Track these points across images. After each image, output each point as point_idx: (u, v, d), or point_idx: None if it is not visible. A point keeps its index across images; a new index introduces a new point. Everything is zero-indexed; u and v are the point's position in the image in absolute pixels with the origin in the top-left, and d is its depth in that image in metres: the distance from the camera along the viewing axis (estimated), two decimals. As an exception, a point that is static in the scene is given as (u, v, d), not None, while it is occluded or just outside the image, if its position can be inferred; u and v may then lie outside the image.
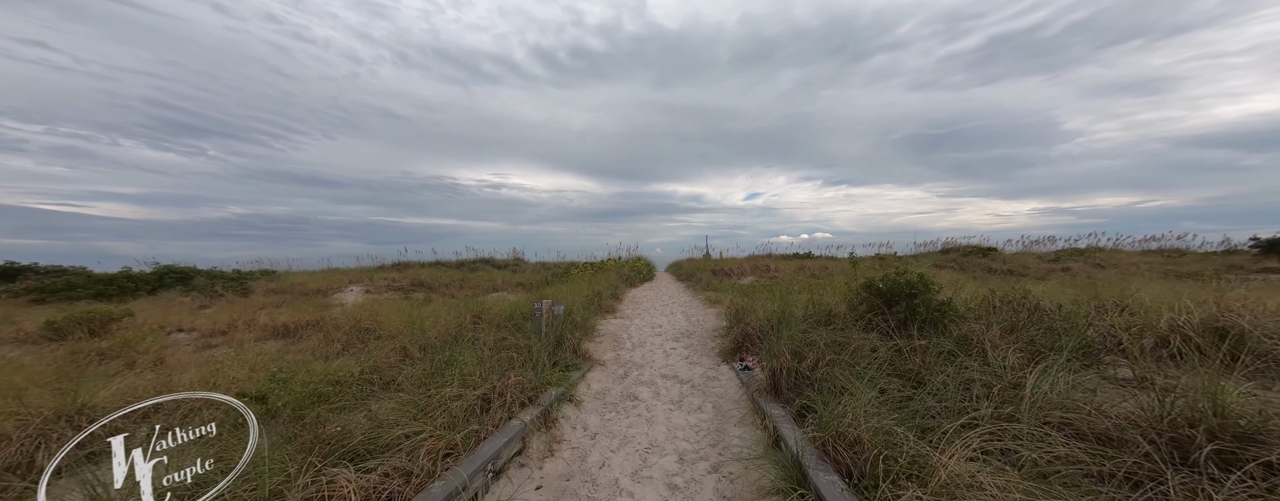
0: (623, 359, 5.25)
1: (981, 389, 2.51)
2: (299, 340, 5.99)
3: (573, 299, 8.08)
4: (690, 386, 4.20)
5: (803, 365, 3.07)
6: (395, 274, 14.61)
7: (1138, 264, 18.11)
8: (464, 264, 18.94)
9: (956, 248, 21.36)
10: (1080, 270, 16.64)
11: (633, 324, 7.49)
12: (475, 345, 4.64)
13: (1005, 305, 3.74)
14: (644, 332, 6.76)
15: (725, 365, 4.79)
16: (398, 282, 12.96)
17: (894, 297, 3.38)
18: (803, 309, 4.37)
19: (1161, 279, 15.38)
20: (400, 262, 18.11)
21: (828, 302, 3.99)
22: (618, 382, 4.41)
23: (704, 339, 6.21)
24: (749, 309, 6.00)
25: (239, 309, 10.17)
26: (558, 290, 10.24)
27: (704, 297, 10.31)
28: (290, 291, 12.03)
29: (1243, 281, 15.32)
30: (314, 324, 6.43)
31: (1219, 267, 15.82)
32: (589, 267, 15.75)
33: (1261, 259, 15.33)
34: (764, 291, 10.32)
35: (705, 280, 12.85)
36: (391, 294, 12.01)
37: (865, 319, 3.53)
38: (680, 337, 6.34)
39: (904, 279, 3.34)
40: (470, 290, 13.23)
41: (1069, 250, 20.77)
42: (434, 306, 9.25)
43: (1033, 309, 3.46)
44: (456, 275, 14.87)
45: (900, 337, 3.22)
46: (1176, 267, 16.74)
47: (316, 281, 13.23)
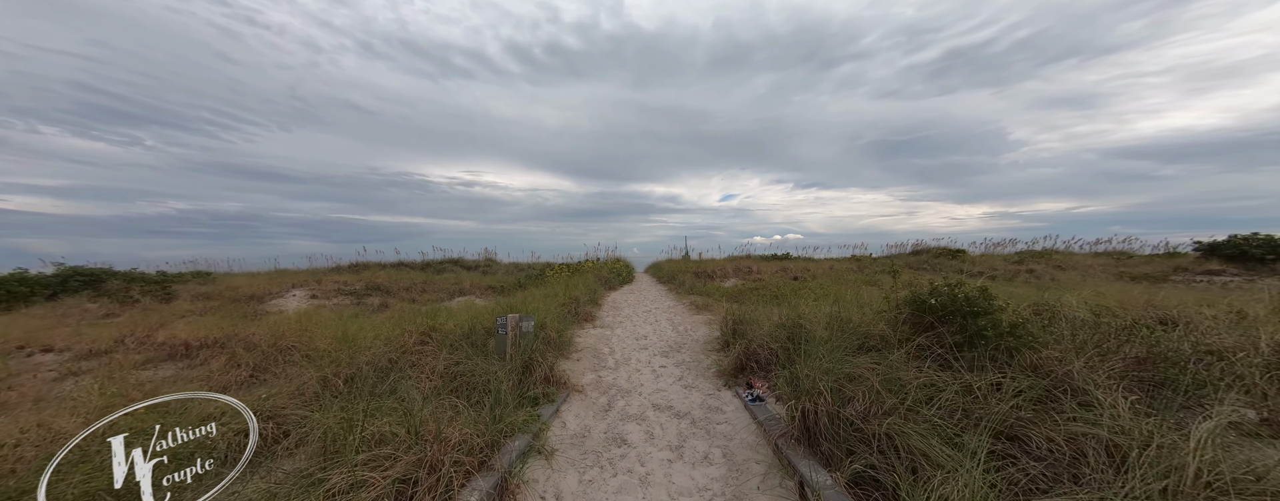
0: (605, 382, 4.37)
1: (1101, 451, 1.79)
2: (198, 363, 4.78)
3: (547, 306, 7.12)
4: (690, 422, 3.37)
5: (849, 409, 2.30)
6: (350, 276, 13.12)
7: (1092, 265, 18.62)
8: (430, 265, 17.48)
9: (927, 249, 21.58)
10: (1043, 272, 16.88)
11: (614, 334, 6.61)
12: (420, 373, 3.65)
13: (1057, 320, 3.10)
14: (628, 346, 5.89)
15: (727, 390, 3.99)
16: (350, 286, 11.54)
17: (948, 316, 2.67)
18: (825, 325, 3.60)
19: (1117, 280, 15.85)
20: (358, 263, 16.49)
21: (857, 320, 3.24)
22: (600, 418, 3.52)
23: (696, 353, 5.41)
24: (749, 320, 5.23)
25: (155, 318, 8.63)
26: (531, 295, 9.24)
27: (689, 302, 9.54)
28: (222, 296, 10.44)
29: (1191, 283, 15.85)
30: (225, 341, 5.20)
31: (1165, 269, 16.44)
32: (565, 269, 14.73)
33: (1204, 261, 15.99)
34: (752, 295, 9.68)
35: (687, 283, 12.11)
36: (342, 299, 10.63)
37: (910, 342, 2.80)
38: (669, 352, 5.51)
39: (961, 293, 2.64)
40: (434, 294, 11.97)
41: (1028, 252, 21.31)
42: (385, 316, 8.06)
43: (1093, 326, 2.83)
44: (420, 277, 13.52)
45: (961, 366, 2.49)
46: (1128, 269, 17.28)
47: (257, 284, 11.62)
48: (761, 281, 12.14)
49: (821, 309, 4.80)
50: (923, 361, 2.60)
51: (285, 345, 4.87)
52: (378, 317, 6.72)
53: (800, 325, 4.02)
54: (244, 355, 4.42)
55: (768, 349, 4.07)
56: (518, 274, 16.83)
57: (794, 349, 3.80)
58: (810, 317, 4.15)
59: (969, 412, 2.17)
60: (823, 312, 4.52)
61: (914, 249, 22.84)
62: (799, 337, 3.92)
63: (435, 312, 5.83)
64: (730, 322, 5.36)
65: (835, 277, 12.82)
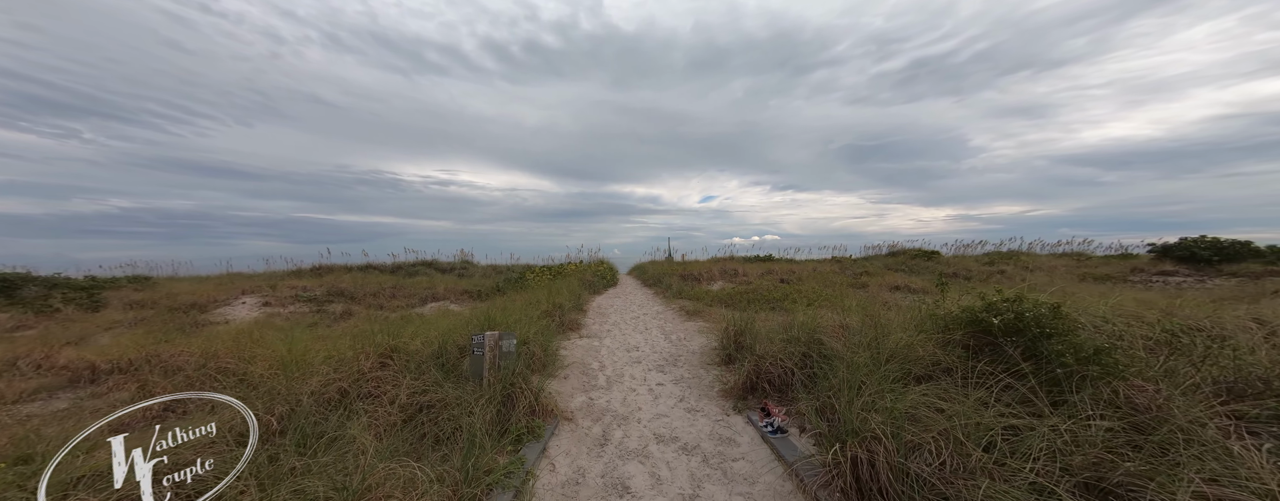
0: (597, 406, 3.79)
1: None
2: (104, 391, 3.92)
3: (529, 314, 6.47)
4: (701, 460, 2.84)
5: (918, 463, 1.82)
6: (311, 280, 12.00)
7: (1056, 266, 19.24)
8: (401, 267, 16.38)
9: (903, 251, 21.89)
10: (1013, 273, 17.27)
11: (603, 345, 6.03)
12: (378, 405, 2.98)
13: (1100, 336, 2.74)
14: (619, 359, 5.32)
15: (737, 415, 3.49)
16: (310, 292, 10.49)
17: (1013, 337, 2.24)
18: (848, 341, 3.12)
19: (1081, 281, 16.38)
20: (321, 266, 15.25)
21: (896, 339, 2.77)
22: (595, 455, 2.94)
23: (695, 367, 4.89)
24: (752, 330, 4.76)
25: (75, 330, 7.48)
26: (511, 302, 8.54)
27: (678, 308, 9.04)
28: (160, 304, 9.25)
29: (1148, 283, 16.45)
30: (145, 362, 4.33)
31: (1123, 270, 17.13)
32: (547, 272, 14.00)
33: (1158, 262, 16.73)
34: (743, 299, 9.29)
35: (675, 286, 11.63)
36: (299, 307, 9.60)
37: (967, 367, 2.35)
38: (665, 366, 4.98)
39: (1027, 310, 2.22)
40: (405, 299, 11.06)
41: (997, 253, 21.92)
42: (344, 327, 7.22)
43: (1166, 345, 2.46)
44: (390, 281, 12.52)
45: (1042, 403, 2.05)
46: (1090, 270, 17.93)
47: (203, 290, 10.41)
48: (749, 284, 11.78)
49: (829, 318, 4.37)
50: (978, 391, 2.15)
51: (218, 367, 4.06)
52: (334, 331, 5.91)
53: (817, 339, 3.56)
54: (160, 382, 3.60)
55: (781, 366, 3.59)
56: (496, 277, 15.97)
57: (814, 369, 3.34)
58: (826, 329, 3.69)
59: (1065, 466, 1.71)
60: (831, 322, 4.09)
61: (890, 250, 23.15)
62: (816, 355, 3.46)
63: (402, 324, 5.10)
64: (732, 333, 4.88)
65: (821, 280, 12.62)
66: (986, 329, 2.38)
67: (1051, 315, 2.18)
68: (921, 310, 3.39)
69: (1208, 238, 16.00)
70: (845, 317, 4.07)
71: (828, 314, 4.76)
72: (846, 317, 4.14)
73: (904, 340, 2.68)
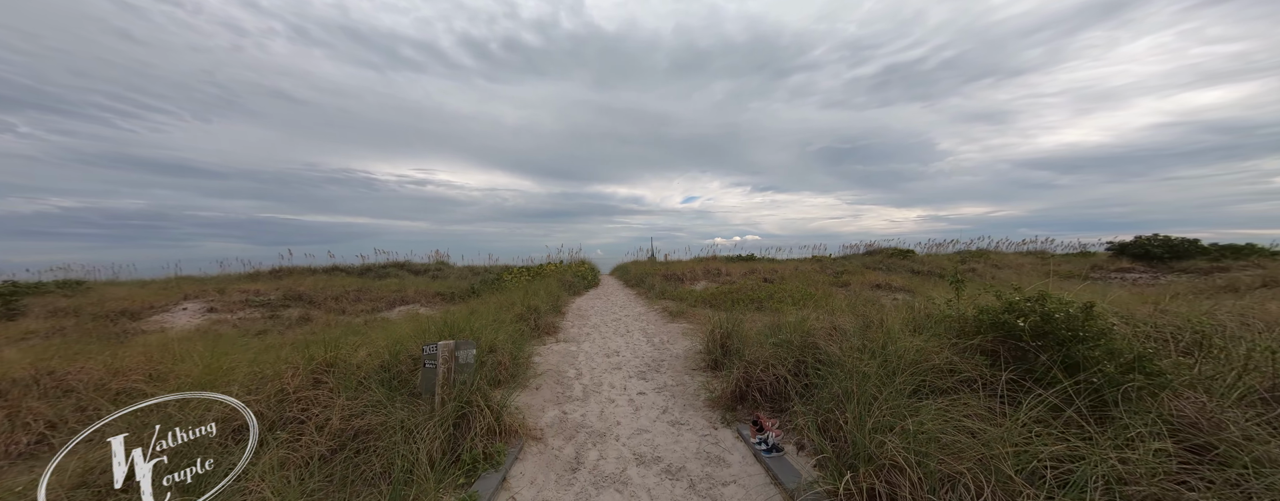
0: (571, 421, 3.35)
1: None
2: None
3: (502, 317, 5.97)
4: (687, 485, 2.45)
5: (951, 499, 1.48)
6: (268, 284, 11.08)
7: (1023, 264, 19.81)
8: (370, 269, 15.47)
9: (880, 250, 22.17)
10: (984, 270, 17.65)
11: (581, 350, 5.58)
12: (305, 433, 2.47)
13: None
14: (598, 365, 4.89)
15: (726, 429, 3.12)
16: (264, 296, 9.63)
17: (1039, 341, 1.94)
18: (845, 344, 2.79)
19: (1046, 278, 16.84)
20: (282, 268, 14.22)
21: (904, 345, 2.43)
22: (566, 484, 2.51)
23: (679, 373, 4.51)
24: (739, 333, 4.42)
25: (-21, 342, 6.53)
26: (485, 304, 7.98)
27: (661, 308, 8.67)
28: (89, 311, 8.27)
29: (1108, 279, 17.05)
30: (30, 381, 3.62)
31: (1084, 268, 17.77)
32: (525, 273, 13.42)
33: (1115, 260, 17.41)
34: (727, 299, 9.00)
35: (657, 286, 11.26)
36: (251, 313, 8.77)
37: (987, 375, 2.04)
38: (647, 373, 4.58)
39: (1055, 310, 1.92)
40: (371, 303, 10.31)
41: (968, 252, 22.47)
42: (298, 335, 6.55)
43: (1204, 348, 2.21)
44: (355, 284, 11.69)
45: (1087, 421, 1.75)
46: (1055, 268, 18.51)
47: (143, 295, 9.41)
48: (733, 284, 11.52)
49: (820, 319, 4.07)
50: (1011, 407, 1.84)
51: (121, 388, 3.43)
52: (278, 340, 5.27)
53: (812, 343, 3.23)
54: (35, 407, 2.96)
55: (773, 374, 3.24)
56: (472, 278, 15.26)
57: (810, 377, 3.00)
58: (821, 332, 3.37)
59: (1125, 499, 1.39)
60: (824, 324, 3.78)
61: (867, 250, 23.44)
62: (812, 361, 3.12)
63: (346, 334, 4.54)
64: (718, 336, 4.52)
65: (804, 279, 12.49)
66: (1009, 332, 2.08)
67: (1084, 316, 1.89)
68: (921, 310, 3.10)
69: (1160, 236, 16.73)
70: (835, 318, 3.77)
71: (819, 315, 4.47)
72: (837, 318, 3.84)
73: (915, 346, 2.36)
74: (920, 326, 2.74)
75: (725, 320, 4.72)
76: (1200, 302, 4.32)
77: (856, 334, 3.10)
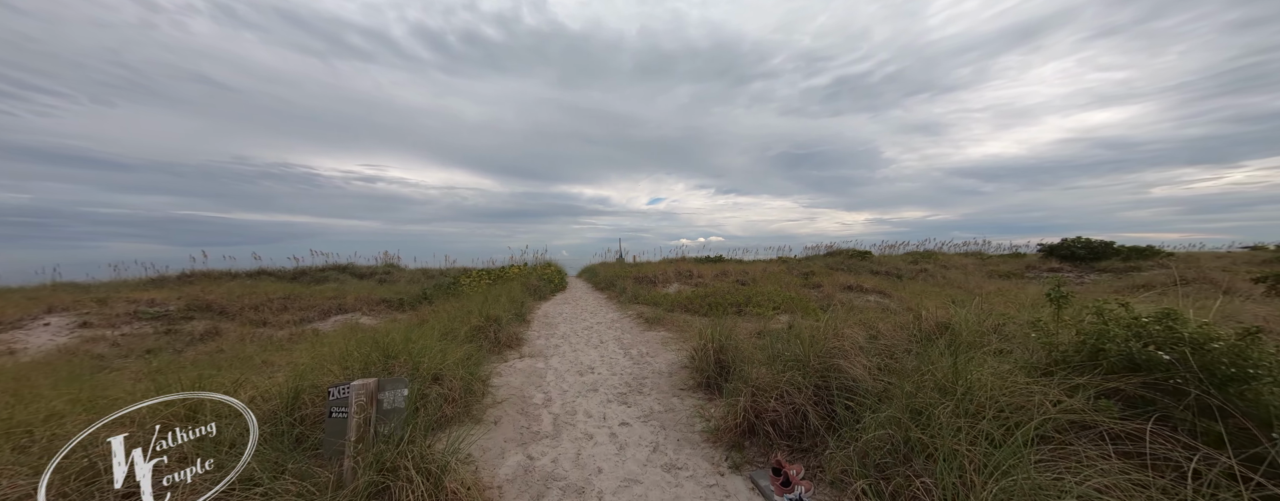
0: (538, 472, 2.59)
1: None
2: None
3: (457, 330, 5.06)
4: (703, 572, 1.78)
5: None
6: (172, 292, 9.28)
7: (966, 264, 20.96)
8: (305, 273, 13.65)
9: (840, 251, 22.74)
10: (935, 270, 18.44)
11: (550, 367, 4.79)
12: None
13: None
14: (570, 386, 4.13)
15: (735, 474, 2.49)
16: (162, 307, 7.97)
17: (1184, 377, 1.44)
18: (938, 384, 2.19)
19: (990, 278, 17.86)
20: (194, 272, 12.16)
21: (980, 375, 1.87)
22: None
23: (665, 394, 3.84)
24: (736, 347, 3.82)
25: None
26: (438, 312, 6.95)
27: (635, 314, 7.99)
28: (-96, 331, 6.37)
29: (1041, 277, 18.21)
30: None
31: (1019, 267, 19.03)
32: (486, 276, 12.27)
33: (1046, 260, 18.78)
34: (704, 302, 8.46)
35: (629, 290, 10.57)
36: (140, 327, 7.17)
37: (1106, 418, 1.53)
38: (629, 394, 3.88)
39: (1203, 336, 1.43)
40: (300, 312, 8.87)
41: (918, 253, 23.58)
42: (198, 354, 5.30)
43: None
44: (283, 290, 10.09)
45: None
46: (995, 268, 19.69)
47: (-7, 308, 7.46)
48: (707, 286, 11.06)
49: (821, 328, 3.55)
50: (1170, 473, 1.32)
51: None
52: (141, 365, 4.09)
53: (835, 365, 2.67)
54: None
55: (788, 403, 2.65)
56: (426, 281, 13.85)
57: (834, 405, 2.43)
58: (845, 351, 2.82)
59: None
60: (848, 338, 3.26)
61: (828, 251, 24.02)
62: (837, 386, 2.56)
63: (256, 354, 3.50)
64: (711, 350, 3.90)
65: (775, 280, 12.28)
66: (1137, 365, 1.58)
67: (1248, 345, 1.40)
68: (931, 319, 2.62)
69: (1082, 238, 18.20)
70: (846, 329, 3.26)
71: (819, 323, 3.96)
72: (846, 329, 3.33)
73: (999, 381, 1.80)
74: (1023, 356, 2.19)
75: (715, 331, 4.11)
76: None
77: (888, 353, 2.58)
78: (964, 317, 3.03)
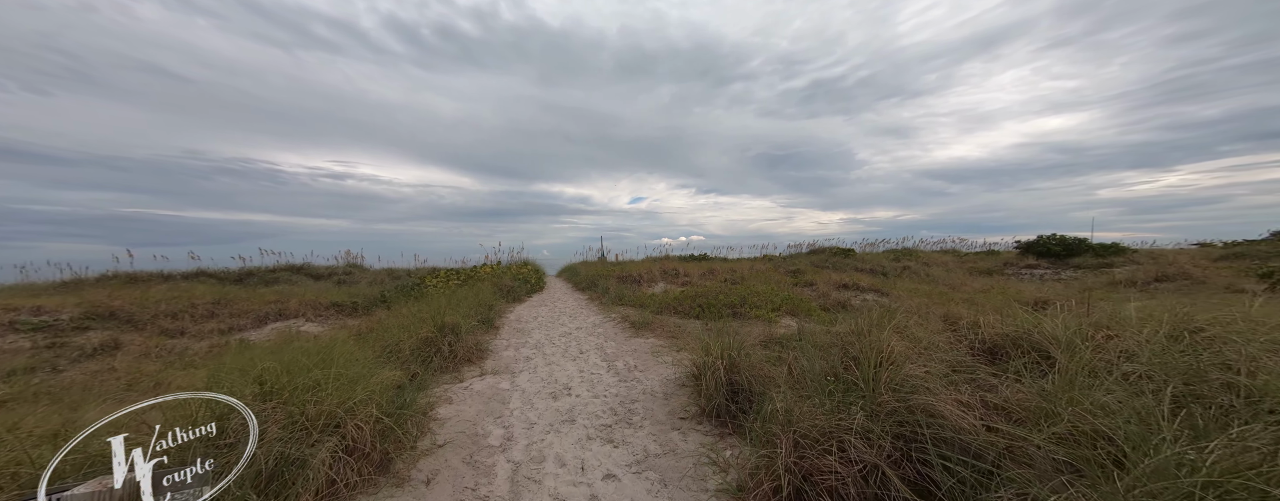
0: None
1: None
2: None
3: (403, 341, 4.05)
4: None
5: None
6: (71, 297, 7.74)
7: (947, 261, 20.99)
8: (253, 274, 12.10)
9: (823, 249, 22.42)
10: (918, 268, 18.25)
11: (516, 387, 3.81)
12: None
13: None
14: (539, 416, 3.17)
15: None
16: (52, 316, 6.52)
17: None
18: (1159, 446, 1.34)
19: (970, 275, 17.78)
20: (117, 274, 10.49)
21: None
22: None
23: (663, 428, 2.94)
24: (751, 365, 2.96)
25: None
26: (389, 321, 5.88)
27: (620, 318, 7.06)
28: None
29: (1020, 275, 18.21)
30: None
31: (997, 264, 19.09)
32: (455, 277, 11.08)
33: (1022, 257, 18.89)
34: (694, 303, 7.60)
35: (612, 290, 9.62)
36: (14, 340, 5.76)
37: None
38: (615, 429, 2.95)
39: None
40: (232, 319, 7.54)
41: (899, 250, 23.54)
42: (78, 375, 4.12)
43: None
44: (215, 294, 8.65)
45: None
46: (975, 265, 19.70)
47: None
48: (694, 285, 10.24)
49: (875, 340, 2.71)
50: None
51: None
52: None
53: (926, 407, 1.82)
54: None
55: (852, 456, 1.78)
56: (391, 283, 12.52)
57: (928, 461, 1.57)
58: (932, 389, 1.98)
59: None
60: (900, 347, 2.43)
61: (810, 249, 23.69)
62: (931, 439, 1.71)
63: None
64: (720, 369, 3.00)
65: (764, 279, 11.57)
66: None
67: None
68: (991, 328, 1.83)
69: (1057, 235, 18.36)
70: (883, 336, 2.44)
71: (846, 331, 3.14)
72: (891, 340, 2.51)
73: None
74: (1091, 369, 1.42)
75: (721, 341, 3.22)
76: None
77: (973, 381, 1.75)
78: (1060, 329, 2.24)
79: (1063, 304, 3.19)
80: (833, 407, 1.99)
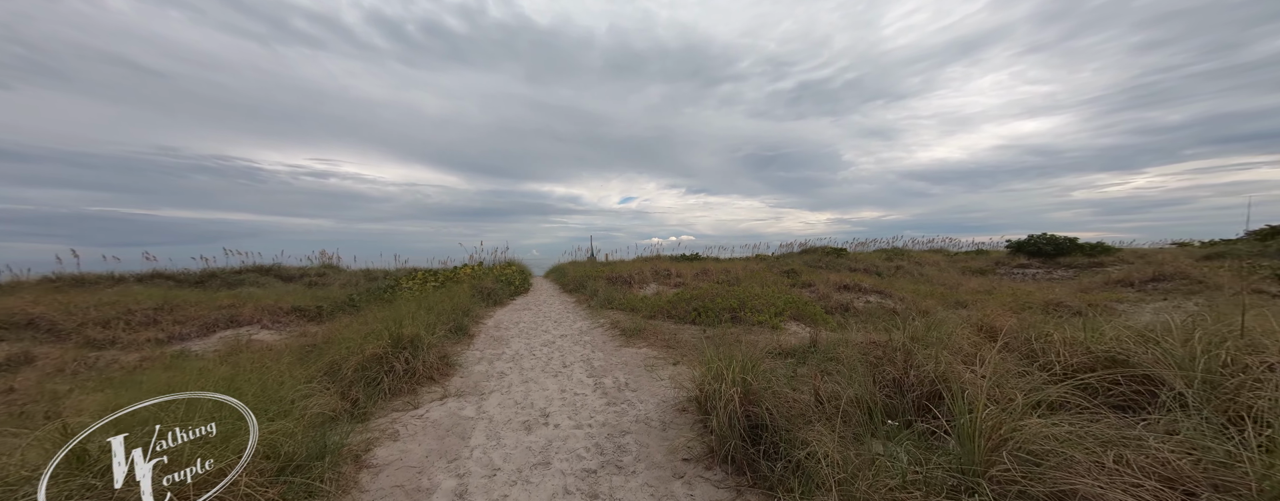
0: None
1: None
2: None
3: (345, 359, 3.34)
4: None
5: None
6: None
7: (938, 261, 20.78)
8: (215, 275, 11.12)
9: (815, 249, 22.06)
10: (910, 267, 17.97)
11: (483, 415, 3.12)
12: None
13: None
14: (506, 456, 2.50)
15: None
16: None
17: None
18: None
19: (963, 274, 17.54)
20: (56, 277, 9.46)
21: None
22: None
23: (661, 473, 2.29)
24: (777, 396, 2.34)
25: None
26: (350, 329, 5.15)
27: (609, 324, 6.40)
28: None
29: (1011, 274, 18.02)
30: None
31: (989, 264, 18.92)
32: (434, 278, 10.28)
33: (1014, 256, 18.75)
34: (689, 307, 6.99)
35: (602, 292, 8.95)
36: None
37: None
38: (601, 478, 2.29)
39: None
40: (171, 328, 6.67)
41: (891, 250, 23.31)
42: None
43: None
44: (160, 298, 7.73)
45: None
46: (966, 264, 19.51)
47: None
48: (688, 287, 9.63)
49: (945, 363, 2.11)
50: None
51: None
52: None
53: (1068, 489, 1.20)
54: None
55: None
56: (367, 284, 11.64)
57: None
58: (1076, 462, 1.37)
59: None
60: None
61: (802, 248, 23.32)
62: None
63: None
64: (735, 399, 2.37)
65: (759, 279, 11.02)
66: None
67: None
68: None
69: (1047, 235, 18.25)
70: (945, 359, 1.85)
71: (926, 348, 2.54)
72: (954, 365, 1.91)
73: None
74: None
75: (733, 360, 2.59)
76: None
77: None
78: (1180, 347, 1.67)
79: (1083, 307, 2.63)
80: (904, 470, 1.36)
